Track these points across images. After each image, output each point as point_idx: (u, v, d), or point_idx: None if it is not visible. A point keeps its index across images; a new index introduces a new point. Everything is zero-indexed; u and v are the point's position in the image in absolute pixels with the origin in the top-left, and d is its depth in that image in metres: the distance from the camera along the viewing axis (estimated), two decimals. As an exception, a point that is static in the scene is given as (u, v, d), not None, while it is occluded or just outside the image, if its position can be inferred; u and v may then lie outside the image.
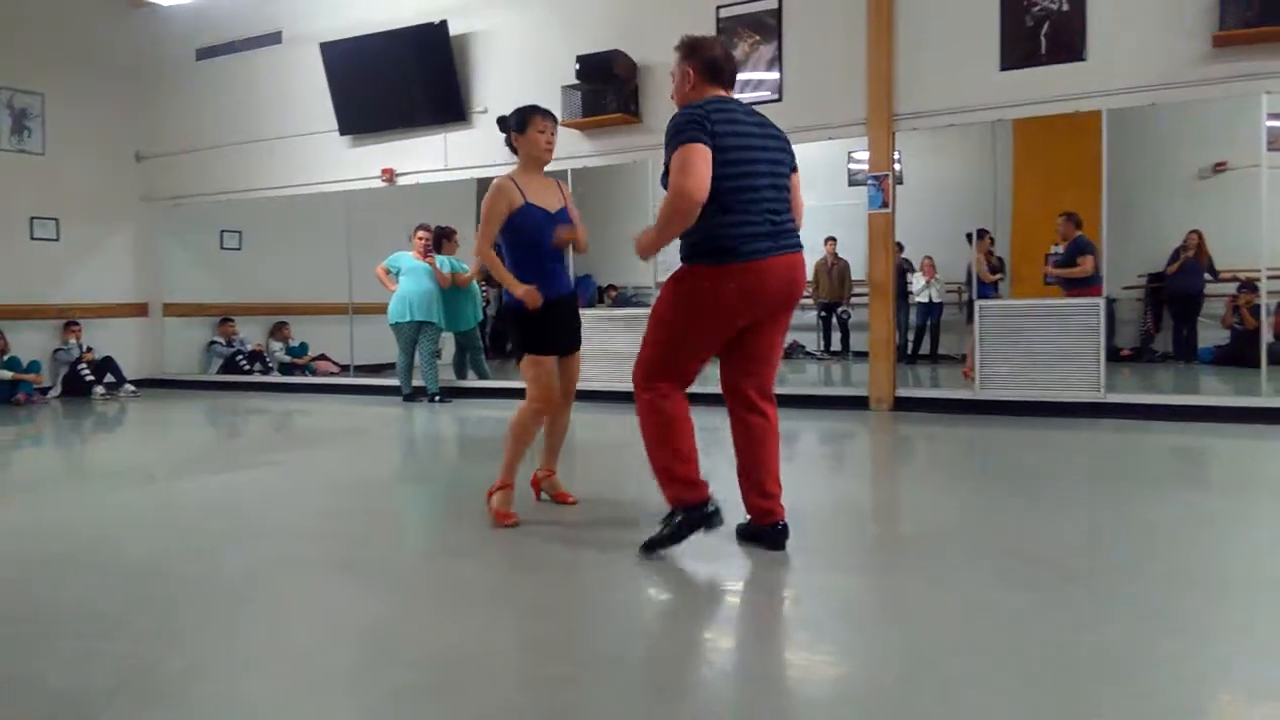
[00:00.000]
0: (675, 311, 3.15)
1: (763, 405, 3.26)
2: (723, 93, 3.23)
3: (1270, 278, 7.21)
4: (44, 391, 9.66)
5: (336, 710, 2.07)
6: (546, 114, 3.89)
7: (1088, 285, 7.51)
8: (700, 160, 2.96)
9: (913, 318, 11.37)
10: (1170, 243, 9.92)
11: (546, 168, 3.94)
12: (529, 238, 3.78)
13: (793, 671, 2.30)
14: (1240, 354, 8.33)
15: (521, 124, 3.85)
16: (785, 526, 3.27)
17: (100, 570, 3.25)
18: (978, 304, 7.14)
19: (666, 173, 3.05)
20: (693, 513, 3.13)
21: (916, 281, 11.18)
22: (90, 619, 2.69)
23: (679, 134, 3.01)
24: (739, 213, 3.04)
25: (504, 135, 3.92)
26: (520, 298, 3.70)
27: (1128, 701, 1.96)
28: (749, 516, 3.32)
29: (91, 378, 9.88)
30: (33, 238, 9.96)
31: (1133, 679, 2.07)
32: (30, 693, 2.15)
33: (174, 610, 2.77)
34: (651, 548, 3.18)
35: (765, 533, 3.27)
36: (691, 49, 3.25)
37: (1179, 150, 10.13)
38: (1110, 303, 9.69)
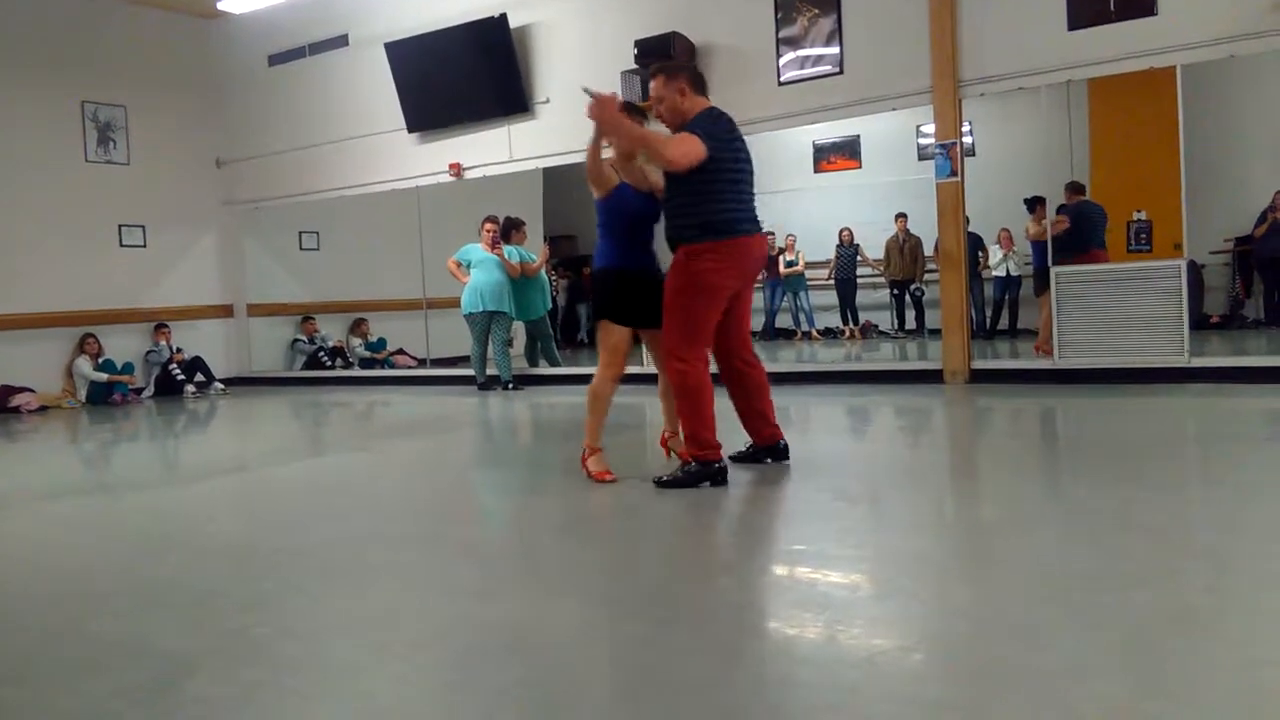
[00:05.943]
0: (695, 284, 3.68)
1: (750, 358, 4.03)
2: (707, 101, 3.83)
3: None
4: (138, 392, 10.09)
5: (415, 667, 2.15)
6: (627, 110, 3.98)
7: (1078, 251, 7.34)
8: (697, 150, 3.59)
9: (990, 292, 11.15)
10: (1257, 204, 9.55)
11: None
12: (612, 215, 4.01)
13: (875, 626, 2.31)
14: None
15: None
16: (786, 444, 4.10)
17: (197, 548, 3.41)
18: (1054, 270, 6.97)
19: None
20: (707, 467, 3.73)
21: (994, 254, 10.96)
22: (188, 590, 2.84)
23: (697, 127, 3.66)
24: (733, 200, 3.72)
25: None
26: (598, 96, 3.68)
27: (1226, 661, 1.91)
28: (750, 443, 4.14)
29: (182, 377, 10.27)
30: (121, 245, 10.38)
31: (1226, 635, 2.02)
32: (141, 652, 2.31)
33: (265, 581, 2.90)
34: (666, 486, 3.74)
35: (772, 450, 4.10)
36: (674, 69, 3.87)
37: (1263, 108, 9.74)
38: (1197, 268, 9.40)
